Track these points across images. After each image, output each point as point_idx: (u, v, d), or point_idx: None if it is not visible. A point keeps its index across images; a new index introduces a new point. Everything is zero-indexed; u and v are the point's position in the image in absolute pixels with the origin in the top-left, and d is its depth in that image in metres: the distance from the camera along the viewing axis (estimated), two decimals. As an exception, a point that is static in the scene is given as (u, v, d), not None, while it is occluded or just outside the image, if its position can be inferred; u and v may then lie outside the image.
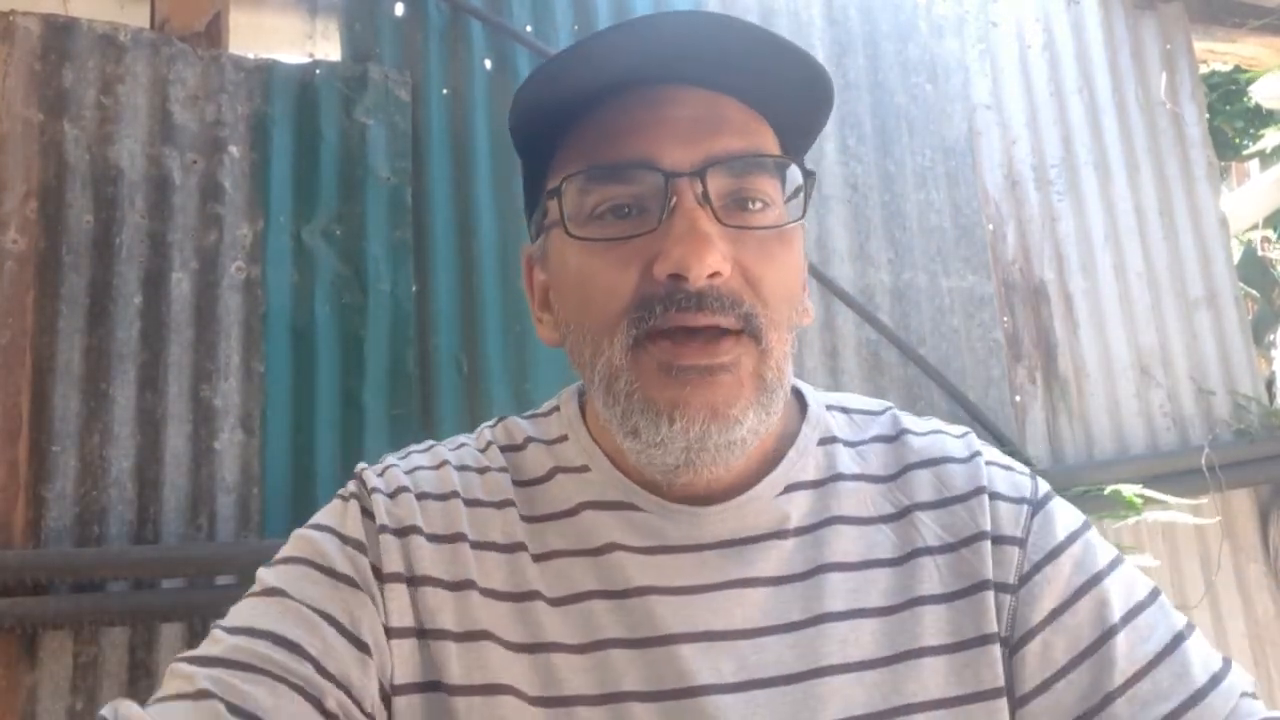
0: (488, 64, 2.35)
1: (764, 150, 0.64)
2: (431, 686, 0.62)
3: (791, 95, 0.65)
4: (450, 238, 2.21)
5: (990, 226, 2.86)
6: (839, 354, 2.55)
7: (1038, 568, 0.65)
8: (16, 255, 1.88)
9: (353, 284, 2.11)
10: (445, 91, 2.29)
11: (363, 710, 0.60)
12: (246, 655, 0.58)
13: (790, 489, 0.68)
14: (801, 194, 0.67)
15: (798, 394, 0.74)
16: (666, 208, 0.60)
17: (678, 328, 0.60)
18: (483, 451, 0.72)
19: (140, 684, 1.81)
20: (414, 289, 2.16)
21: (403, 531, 0.65)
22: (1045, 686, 0.63)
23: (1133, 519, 2.54)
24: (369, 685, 0.60)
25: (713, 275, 0.59)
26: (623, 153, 0.62)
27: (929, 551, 0.66)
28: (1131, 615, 0.64)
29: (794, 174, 0.68)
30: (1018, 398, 2.76)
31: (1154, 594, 0.66)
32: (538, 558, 0.66)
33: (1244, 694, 0.62)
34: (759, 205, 0.63)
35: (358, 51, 2.24)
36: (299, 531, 0.67)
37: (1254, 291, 4.55)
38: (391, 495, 0.67)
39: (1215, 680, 0.62)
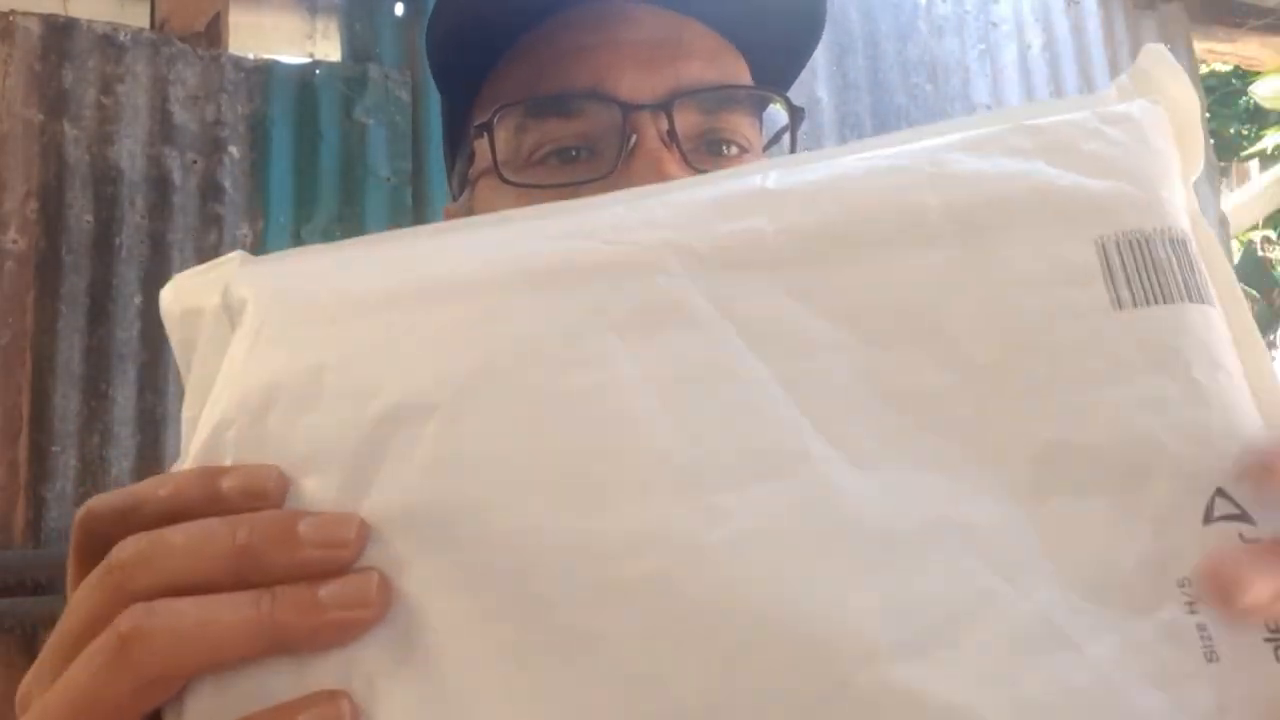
0: (488, 64, 2.35)
1: (740, 82, 0.53)
2: None
3: (769, 15, 0.55)
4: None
5: (990, 226, 2.86)
6: (839, 354, 2.55)
7: None
8: (16, 255, 1.88)
9: (353, 284, 2.11)
10: (445, 91, 2.29)
11: None
12: None
13: None
14: (786, 137, 0.55)
15: None
16: (625, 149, 0.48)
17: None
18: None
19: (140, 684, 1.81)
20: (414, 289, 2.16)
21: None
22: None
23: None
24: None
25: None
26: (569, 80, 0.50)
27: None
28: None
29: (772, 116, 0.57)
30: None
31: None
32: None
33: None
34: (734, 150, 0.52)
35: (358, 51, 2.24)
36: None
37: (1254, 291, 4.55)
38: None
39: None
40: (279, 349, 0.29)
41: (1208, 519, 0.25)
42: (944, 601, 0.24)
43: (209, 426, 0.29)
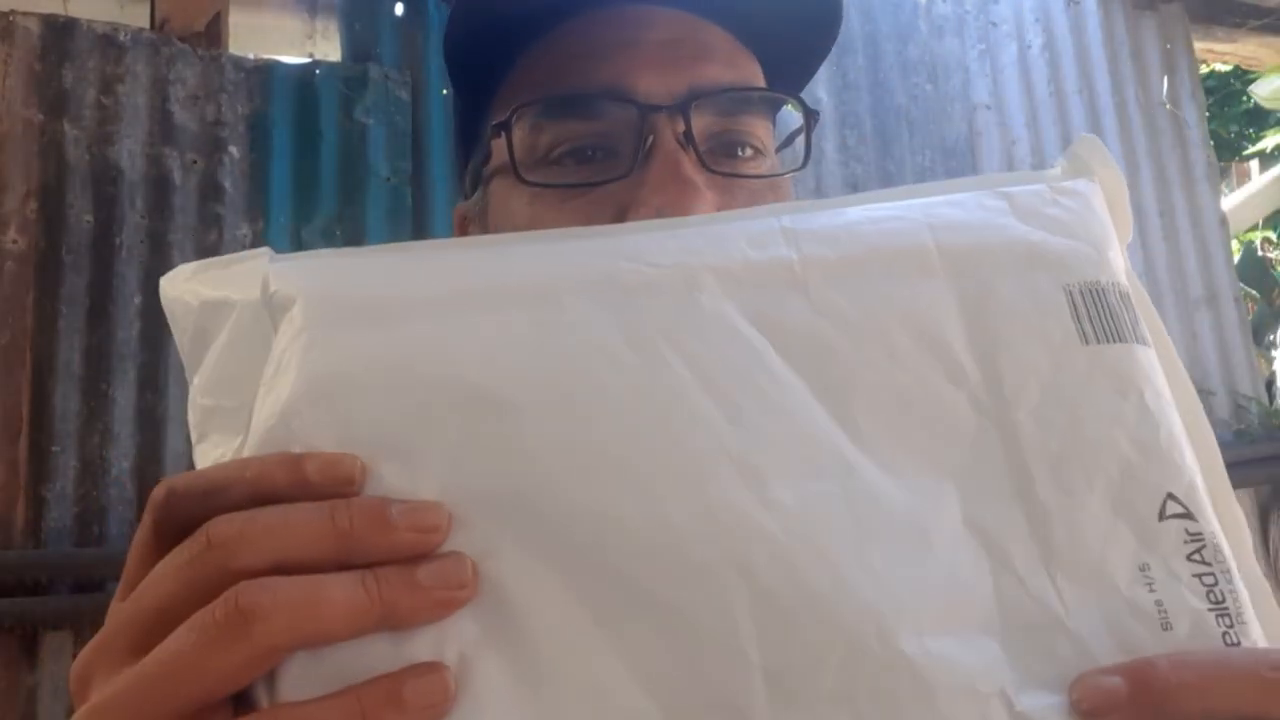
0: (488, 64, 2.35)
1: (756, 85, 0.54)
2: None
3: (785, 18, 0.55)
4: (449, 237, 2.22)
5: (990, 227, 2.86)
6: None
7: None
8: (16, 255, 1.88)
9: (353, 284, 2.11)
10: (445, 91, 2.29)
11: None
12: None
13: None
14: (799, 139, 0.55)
15: None
16: (642, 149, 0.49)
17: None
18: None
19: (140, 684, 1.81)
20: (414, 289, 2.16)
21: None
22: None
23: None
24: None
25: None
26: (587, 81, 0.50)
27: None
28: None
29: (784, 118, 0.57)
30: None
31: None
32: None
33: None
34: (749, 152, 0.52)
35: (358, 51, 2.25)
36: None
37: (1254, 291, 4.55)
38: None
39: None
40: (338, 345, 0.30)
41: (1161, 516, 0.31)
42: (968, 588, 0.30)
43: (272, 415, 0.30)
